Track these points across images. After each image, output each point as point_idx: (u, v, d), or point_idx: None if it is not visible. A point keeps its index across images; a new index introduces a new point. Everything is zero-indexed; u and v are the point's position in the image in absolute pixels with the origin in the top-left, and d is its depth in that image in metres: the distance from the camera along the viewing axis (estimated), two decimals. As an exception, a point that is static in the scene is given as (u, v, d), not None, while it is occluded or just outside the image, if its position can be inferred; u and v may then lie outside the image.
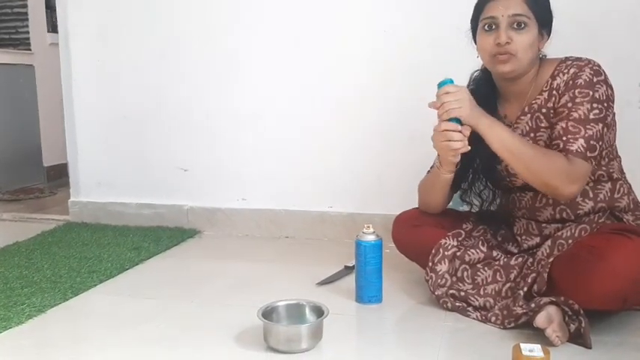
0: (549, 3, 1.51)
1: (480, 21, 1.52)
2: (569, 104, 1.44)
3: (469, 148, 1.46)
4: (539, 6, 1.47)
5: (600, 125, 1.42)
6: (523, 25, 1.45)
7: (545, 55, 1.56)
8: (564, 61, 1.51)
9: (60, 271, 1.95)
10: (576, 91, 1.44)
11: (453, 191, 1.67)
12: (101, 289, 1.83)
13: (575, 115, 1.42)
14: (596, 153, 1.42)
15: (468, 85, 1.62)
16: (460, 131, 1.44)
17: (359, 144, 2.32)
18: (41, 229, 2.53)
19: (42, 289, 1.79)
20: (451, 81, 1.45)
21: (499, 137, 1.43)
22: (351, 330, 1.55)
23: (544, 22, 1.49)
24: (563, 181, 1.39)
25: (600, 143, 1.43)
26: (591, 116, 1.41)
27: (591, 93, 1.43)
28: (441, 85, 1.46)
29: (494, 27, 1.48)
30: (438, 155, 1.56)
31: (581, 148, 1.39)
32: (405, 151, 2.22)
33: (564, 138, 1.41)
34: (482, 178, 1.66)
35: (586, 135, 1.40)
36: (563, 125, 1.43)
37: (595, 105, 1.42)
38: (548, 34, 1.52)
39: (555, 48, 1.55)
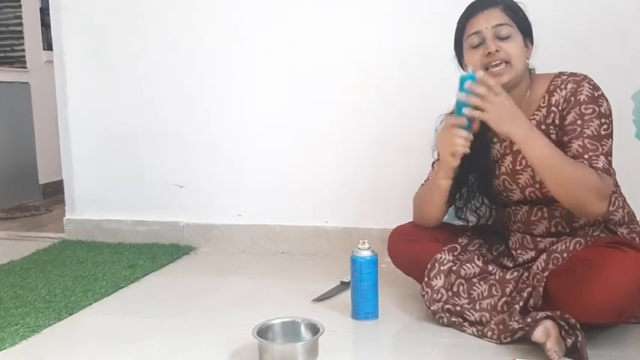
0: (526, 14, 1.53)
1: (464, 41, 1.53)
2: (579, 121, 1.44)
3: (468, 150, 1.44)
4: (518, 15, 1.50)
5: (610, 140, 1.44)
6: (508, 35, 1.47)
7: (534, 70, 1.57)
8: (559, 76, 1.52)
9: (54, 290, 1.94)
10: (582, 107, 1.45)
11: (447, 205, 1.67)
12: (96, 308, 1.82)
13: (588, 132, 1.42)
14: (611, 167, 1.44)
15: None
16: (465, 137, 1.43)
17: (355, 158, 2.32)
18: (36, 248, 2.51)
19: (36, 308, 1.78)
20: (472, 76, 1.37)
21: (533, 151, 1.38)
22: (347, 347, 1.54)
23: (526, 31, 1.51)
24: (594, 198, 1.38)
25: (611, 157, 1.44)
26: (602, 132, 1.43)
27: (597, 109, 1.44)
28: (463, 79, 1.38)
29: (480, 42, 1.49)
30: (436, 161, 1.54)
31: (606, 165, 1.40)
32: (401, 165, 2.22)
33: (586, 156, 1.40)
34: (479, 196, 1.66)
35: (604, 151, 1.41)
36: (580, 143, 1.42)
37: (603, 120, 1.44)
38: (532, 44, 1.54)
39: (546, 62, 1.56)
